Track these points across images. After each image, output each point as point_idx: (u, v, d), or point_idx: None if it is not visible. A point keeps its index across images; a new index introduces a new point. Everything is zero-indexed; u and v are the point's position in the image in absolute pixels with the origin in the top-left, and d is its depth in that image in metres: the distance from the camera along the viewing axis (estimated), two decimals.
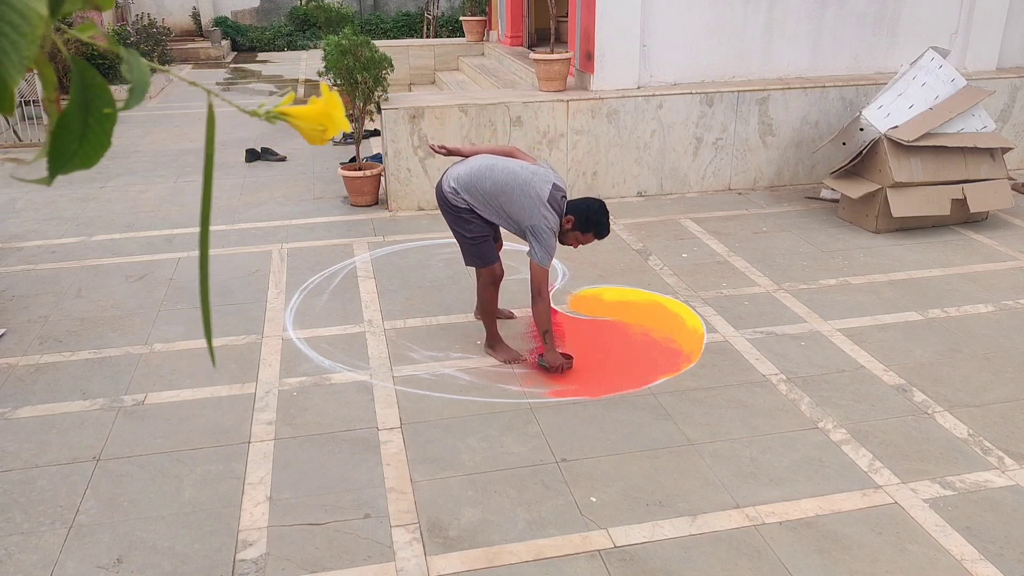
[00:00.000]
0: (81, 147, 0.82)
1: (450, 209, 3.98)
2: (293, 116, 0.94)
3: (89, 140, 0.82)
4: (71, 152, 0.81)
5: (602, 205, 3.92)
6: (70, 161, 0.82)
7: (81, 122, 0.81)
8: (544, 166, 3.99)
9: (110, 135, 0.83)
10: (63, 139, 0.81)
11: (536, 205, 3.80)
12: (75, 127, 0.81)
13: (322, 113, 0.94)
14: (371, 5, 18.45)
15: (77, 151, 0.82)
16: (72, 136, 0.81)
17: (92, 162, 0.83)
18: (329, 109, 0.94)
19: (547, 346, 4.02)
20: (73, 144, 0.81)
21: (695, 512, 3.10)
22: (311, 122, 0.94)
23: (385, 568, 2.84)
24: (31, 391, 3.98)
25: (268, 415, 3.75)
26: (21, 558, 2.90)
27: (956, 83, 6.03)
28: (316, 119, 0.94)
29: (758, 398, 3.87)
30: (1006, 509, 3.11)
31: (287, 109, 0.94)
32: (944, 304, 4.84)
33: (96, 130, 0.82)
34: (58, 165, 0.81)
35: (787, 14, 6.91)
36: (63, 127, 0.80)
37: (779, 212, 6.51)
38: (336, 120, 0.94)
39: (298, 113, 0.94)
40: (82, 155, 0.82)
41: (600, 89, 6.67)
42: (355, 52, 6.30)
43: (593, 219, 3.87)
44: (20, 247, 5.92)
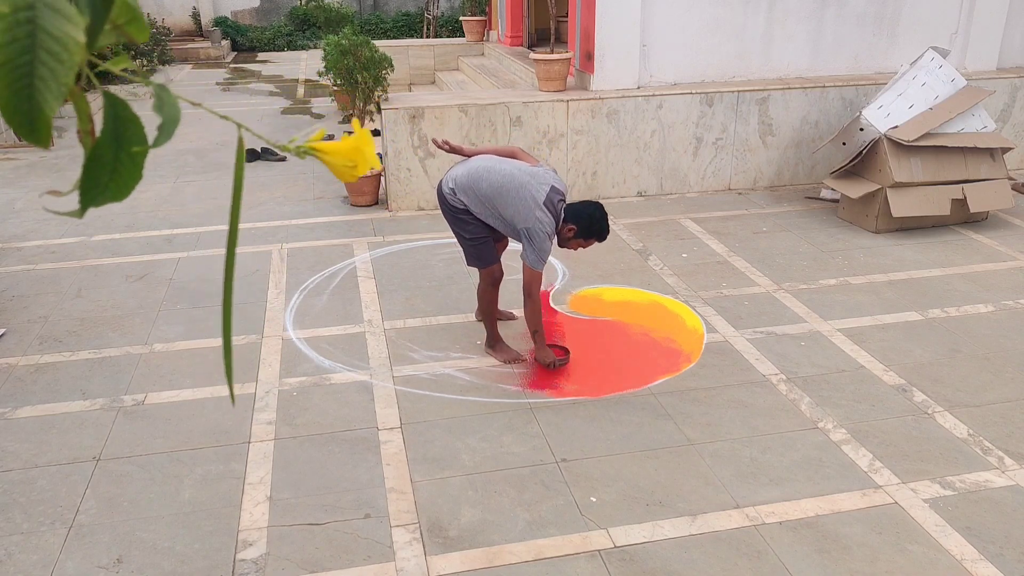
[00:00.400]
0: (113, 180, 0.82)
1: (449, 210, 3.98)
2: (323, 152, 0.92)
3: (121, 173, 0.82)
4: (103, 185, 0.82)
5: (602, 210, 3.92)
6: (102, 194, 0.82)
7: (113, 155, 0.81)
8: (544, 168, 3.97)
9: (141, 168, 0.83)
10: (95, 172, 0.81)
11: (531, 208, 3.78)
12: (107, 160, 0.81)
13: (353, 149, 0.93)
14: (371, 5, 18.45)
15: (109, 184, 0.82)
16: (104, 169, 0.81)
17: (124, 195, 0.83)
18: (360, 145, 0.92)
19: (537, 345, 4.06)
20: (105, 177, 0.82)
21: (695, 512, 3.10)
22: (341, 158, 0.93)
23: (385, 568, 2.84)
24: (31, 391, 3.98)
25: (268, 415, 3.75)
26: (21, 558, 2.90)
27: (956, 83, 6.03)
28: (347, 155, 0.93)
29: (758, 398, 3.87)
30: (1006, 509, 3.11)
31: (318, 145, 0.92)
32: (944, 304, 4.84)
33: (128, 164, 0.82)
34: (90, 198, 0.82)
35: (787, 14, 6.91)
36: (95, 160, 0.81)
37: (779, 212, 6.51)
38: (367, 157, 0.93)
39: (328, 149, 0.93)
40: (114, 188, 0.82)
41: (600, 89, 6.67)
42: (355, 52, 6.30)
43: (596, 227, 3.90)
44: (20, 247, 5.92)
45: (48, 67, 0.70)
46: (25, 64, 0.70)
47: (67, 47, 0.70)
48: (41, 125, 0.73)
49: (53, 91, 0.71)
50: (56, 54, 0.70)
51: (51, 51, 0.70)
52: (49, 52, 0.70)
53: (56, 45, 0.70)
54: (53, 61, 0.70)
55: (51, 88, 0.71)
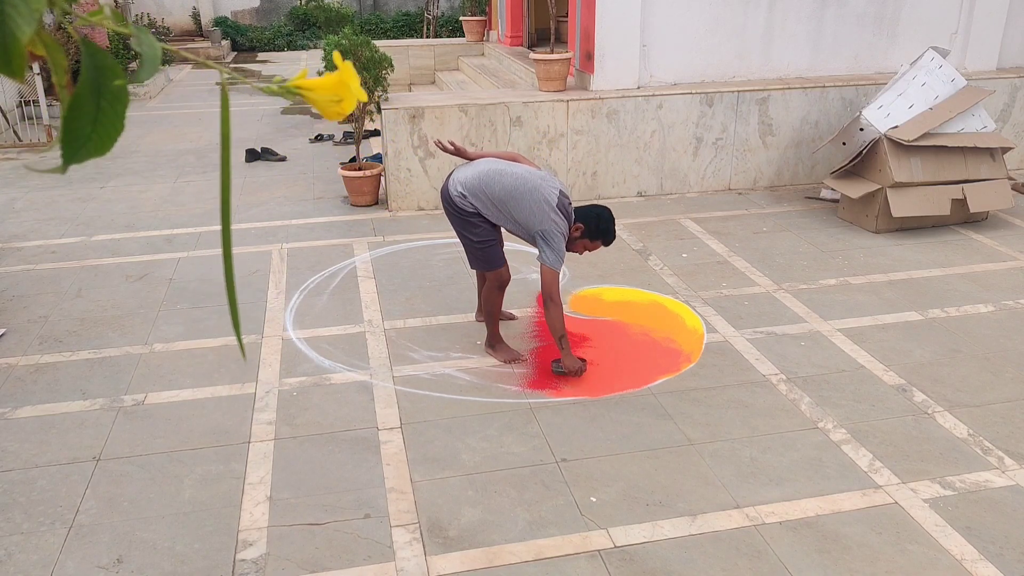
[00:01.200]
0: (95, 131, 0.79)
1: (457, 213, 3.94)
2: (307, 88, 0.91)
3: (102, 123, 0.79)
4: (84, 137, 0.79)
5: (609, 213, 3.99)
6: (84, 147, 0.79)
7: (93, 105, 0.78)
8: (547, 172, 4.02)
9: (123, 118, 0.80)
10: (76, 123, 0.78)
11: (546, 210, 3.81)
12: (87, 110, 0.78)
13: (337, 83, 0.90)
14: (371, 5, 18.45)
15: (91, 135, 0.79)
16: (85, 120, 0.78)
17: (106, 148, 0.80)
18: (345, 79, 0.90)
19: (563, 351, 3.94)
20: (86, 128, 0.79)
21: (695, 512, 3.10)
22: (326, 93, 0.91)
23: (385, 568, 2.84)
24: (31, 391, 3.98)
25: (268, 415, 3.75)
26: (21, 558, 2.90)
27: (956, 83, 6.03)
28: (331, 90, 0.90)
29: (758, 398, 3.87)
30: (1006, 509, 3.11)
31: (301, 82, 0.91)
32: (944, 304, 4.84)
33: (109, 112, 0.79)
34: (72, 151, 0.79)
35: (787, 14, 6.91)
36: (75, 110, 0.78)
37: (779, 212, 6.51)
38: (353, 90, 0.91)
39: (312, 85, 0.91)
40: (96, 140, 0.79)
41: (600, 89, 6.67)
42: (355, 52, 6.30)
43: (603, 227, 3.95)
44: (20, 247, 5.92)
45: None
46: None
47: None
48: (15, 53, 0.70)
49: (25, 16, 0.68)
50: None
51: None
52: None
53: None
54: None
55: (22, 13, 0.68)
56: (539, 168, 4.07)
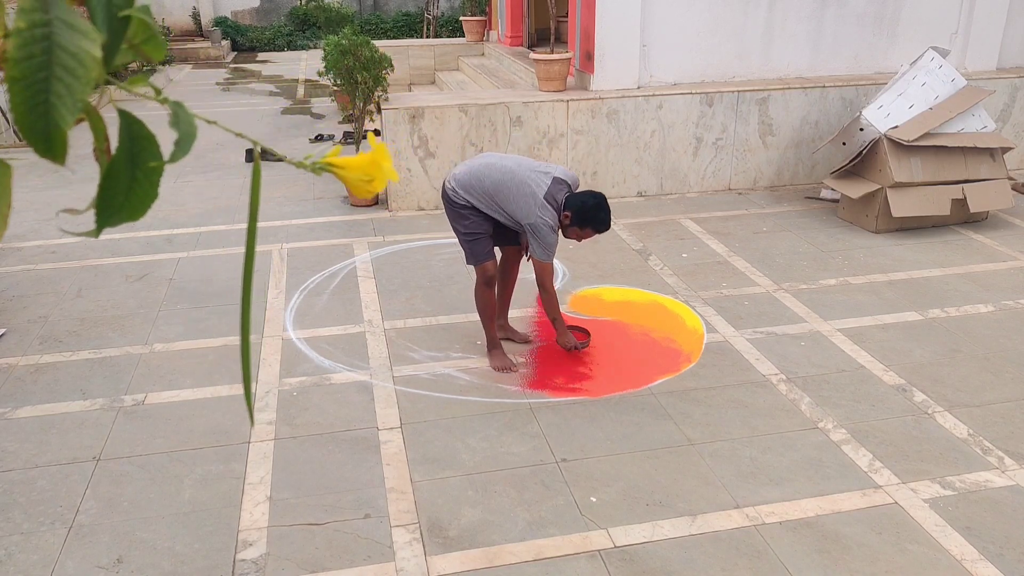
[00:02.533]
0: (128, 199, 0.82)
1: (451, 205, 3.98)
2: (340, 167, 0.91)
3: (136, 192, 0.82)
4: (118, 204, 0.81)
5: (600, 199, 3.87)
6: (117, 213, 0.82)
7: (128, 175, 0.81)
8: (554, 165, 3.99)
9: (157, 187, 0.83)
10: (110, 191, 0.81)
11: (531, 204, 3.77)
12: (122, 179, 0.81)
13: (370, 163, 0.90)
14: (371, 5, 18.46)
15: (124, 204, 0.82)
16: (119, 188, 0.81)
17: (139, 214, 0.82)
18: (378, 159, 0.90)
19: (558, 330, 4.13)
20: (120, 197, 0.81)
21: (695, 512, 3.10)
22: (358, 172, 0.91)
23: (385, 568, 2.84)
24: (31, 391, 3.98)
25: (268, 415, 3.75)
26: (21, 558, 2.90)
27: (956, 83, 6.03)
28: (363, 170, 0.91)
29: (758, 398, 3.87)
30: (1006, 509, 3.11)
31: (334, 160, 0.91)
32: (944, 304, 4.84)
33: (143, 182, 0.82)
34: (105, 217, 0.81)
35: (787, 14, 6.91)
36: (111, 179, 0.80)
37: (779, 212, 6.51)
38: (385, 171, 0.91)
39: (345, 164, 0.91)
40: (129, 207, 0.82)
41: (600, 89, 6.67)
42: (355, 52, 6.30)
43: (590, 215, 3.83)
44: (20, 247, 5.92)
45: (64, 83, 0.70)
46: (41, 80, 0.70)
47: (83, 63, 0.70)
48: (57, 141, 0.72)
49: (69, 107, 0.71)
50: (72, 70, 0.70)
51: (67, 67, 0.70)
52: (65, 68, 0.70)
53: (72, 61, 0.70)
54: (69, 77, 0.70)
55: (67, 104, 0.70)
56: (542, 162, 4.04)
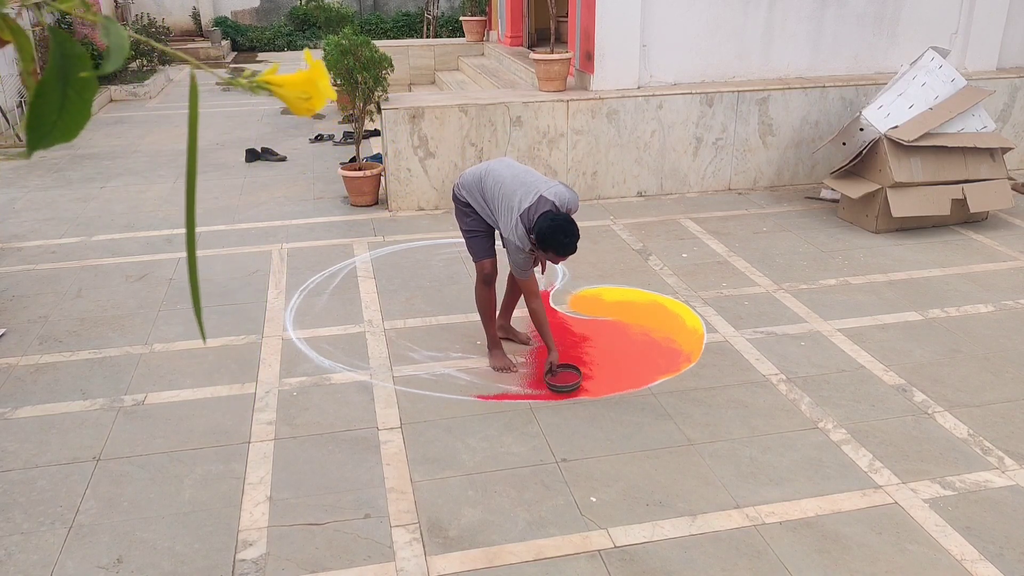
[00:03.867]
0: (60, 118, 0.79)
1: (456, 201, 4.09)
2: (276, 84, 0.90)
3: (68, 111, 0.79)
4: (50, 124, 0.79)
5: (559, 223, 3.58)
6: (49, 134, 0.79)
7: (60, 92, 0.78)
8: (555, 182, 3.81)
9: (90, 105, 0.80)
10: (42, 109, 0.78)
11: (509, 219, 3.72)
12: (54, 98, 0.78)
13: (307, 81, 0.90)
14: (371, 5, 18.45)
15: (56, 123, 0.79)
16: (51, 107, 0.78)
17: (72, 135, 0.80)
18: (314, 77, 0.90)
19: (547, 346, 3.98)
20: (52, 116, 0.79)
21: (695, 512, 3.10)
22: (295, 89, 0.91)
23: (385, 568, 2.84)
24: (31, 391, 3.98)
25: (268, 415, 3.75)
26: (21, 558, 2.90)
27: (956, 83, 6.02)
28: (300, 87, 0.91)
29: (758, 398, 3.87)
30: (1006, 509, 3.11)
31: (271, 78, 0.91)
32: (944, 304, 4.84)
33: (75, 100, 0.79)
34: (37, 137, 0.79)
35: (787, 14, 6.91)
36: (41, 98, 0.78)
37: (779, 212, 6.51)
38: (321, 88, 0.91)
39: (282, 81, 0.90)
40: (62, 127, 0.79)
41: (600, 89, 6.67)
42: (355, 52, 6.30)
43: (548, 237, 3.58)
44: (20, 247, 5.92)
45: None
46: None
47: None
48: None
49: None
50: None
51: None
52: None
53: None
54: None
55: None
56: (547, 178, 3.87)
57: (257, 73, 0.92)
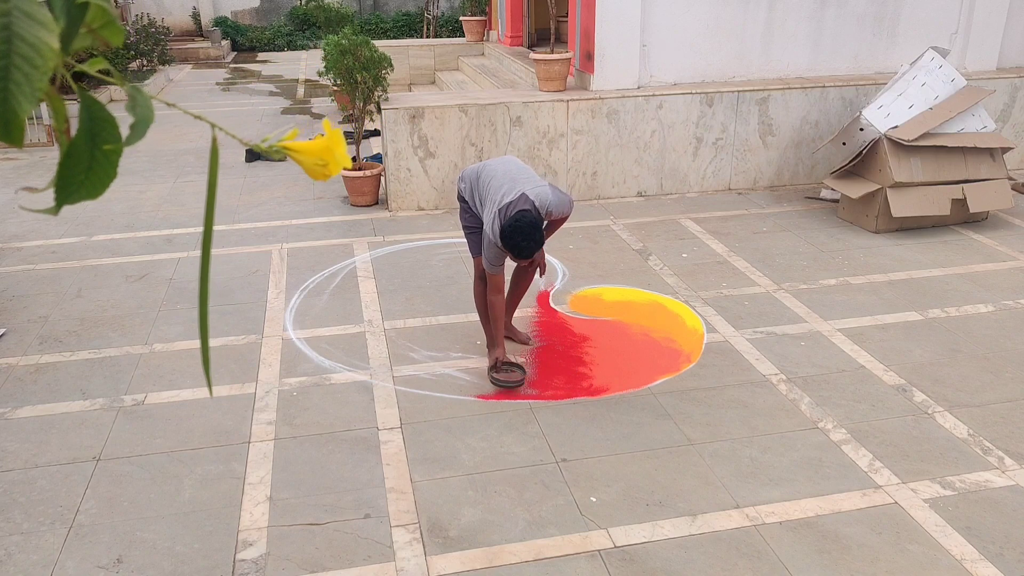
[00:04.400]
0: (88, 178, 0.84)
1: (460, 199, 4.12)
2: (295, 151, 0.95)
3: (96, 171, 0.84)
4: (78, 183, 0.83)
5: (520, 227, 3.53)
6: (76, 192, 0.84)
7: (88, 154, 0.83)
8: (545, 183, 3.79)
9: (116, 166, 0.85)
10: (70, 170, 0.83)
11: (489, 212, 3.73)
12: (82, 159, 0.83)
13: (324, 149, 0.95)
14: (371, 5, 18.45)
15: (84, 182, 0.84)
16: (79, 168, 0.83)
17: (98, 193, 0.85)
18: (331, 145, 0.95)
19: (493, 340, 4.02)
20: (80, 176, 0.83)
21: (695, 512, 3.10)
22: (313, 156, 0.95)
23: (385, 568, 2.84)
24: (31, 391, 3.98)
25: (268, 415, 3.75)
26: (21, 558, 2.90)
27: (956, 83, 6.02)
28: (317, 154, 0.95)
29: (758, 398, 3.87)
30: (1006, 509, 3.11)
31: (290, 144, 0.95)
32: (944, 304, 4.84)
33: (103, 162, 0.84)
34: (64, 195, 0.83)
35: (787, 14, 6.91)
36: (71, 158, 0.82)
37: (779, 212, 6.51)
38: (338, 157, 0.95)
39: (300, 148, 0.95)
40: (88, 186, 0.84)
41: (600, 89, 6.67)
42: (355, 52, 6.30)
43: (506, 237, 3.57)
44: (20, 247, 5.92)
45: (22, 72, 0.72)
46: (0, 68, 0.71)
47: (41, 53, 0.72)
48: (15, 127, 0.74)
49: (27, 95, 0.72)
50: (30, 59, 0.72)
51: (25, 56, 0.72)
52: (23, 57, 0.72)
53: (30, 51, 0.72)
54: (27, 66, 0.72)
55: (25, 92, 0.72)
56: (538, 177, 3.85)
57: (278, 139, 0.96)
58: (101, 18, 0.79)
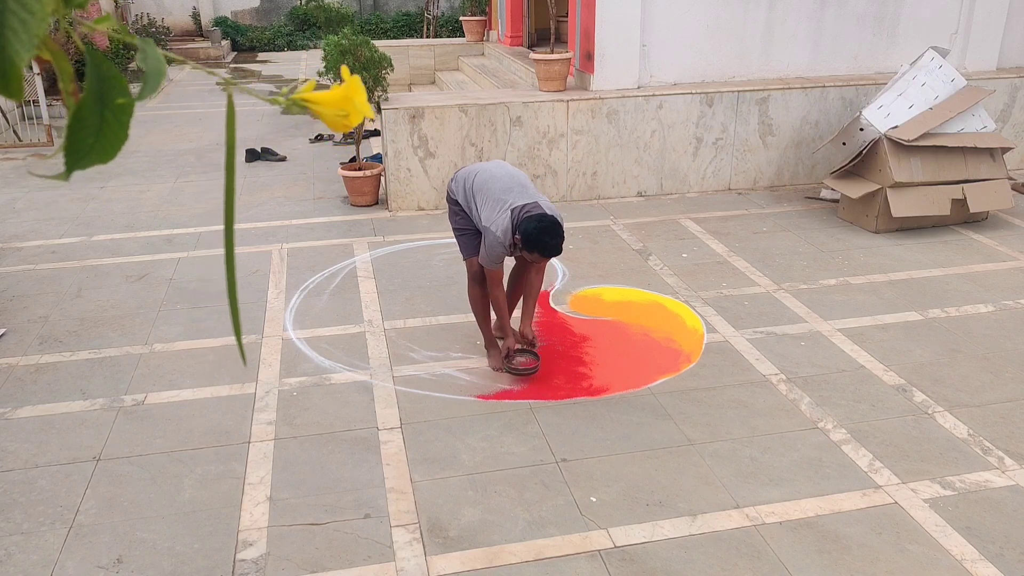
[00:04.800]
0: (98, 140, 0.80)
1: (449, 201, 4.13)
2: (314, 102, 0.92)
3: (106, 133, 0.80)
4: (88, 146, 0.80)
5: (546, 224, 3.67)
6: (87, 155, 0.80)
7: (97, 115, 0.80)
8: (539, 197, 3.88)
9: (127, 128, 0.81)
10: (80, 132, 0.79)
11: (495, 212, 3.74)
12: (92, 120, 0.79)
13: (344, 98, 0.92)
14: (371, 5, 18.45)
15: (94, 145, 0.80)
16: (89, 129, 0.79)
17: (109, 156, 0.81)
18: (351, 94, 0.92)
19: (504, 330, 4.08)
20: (90, 138, 0.80)
21: (695, 512, 3.10)
22: (333, 107, 0.92)
23: (385, 568, 2.84)
24: (31, 391, 3.98)
25: (268, 415, 3.75)
26: (21, 558, 2.90)
27: (956, 83, 6.02)
28: (338, 104, 0.92)
29: (758, 398, 3.87)
30: (1006, 509, 3.11)
31: (308, 95, 0.92)
32: (944, 304, 4.84)
33: (113, 123, 0.80)
34: (75, 159, 0.80)
35: (787, 14, 6.91)
36: (79, 120, 0.79)
37: (779, 212, 6.51)
38: (358, 105, 0.92)
39: (319, 99, 0.92)
40: (99, 149, 0.81)
41: (600, 89, 6.67)
42: (355, 52, 6.30)
43: (534, 239, 3.66)
44: (20, 247, 5.92)
45: (19, 17, 0.68)
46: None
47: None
48: (12, 78, 0.70)
49: (24, 42, 0.69)
50: (26, 4, 0.69)
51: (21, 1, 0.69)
52: (19, 2, 0.69)
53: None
54: (24, 12, 0.69)
55: (21, 39, 0.69)
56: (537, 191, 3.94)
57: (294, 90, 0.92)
58: None
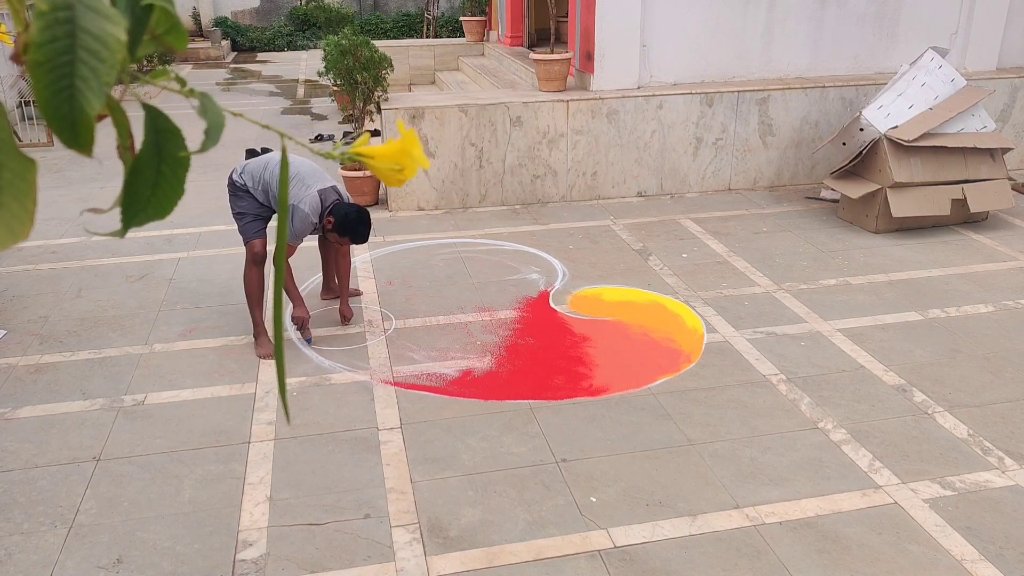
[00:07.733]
0: (154, 195, 0.79)
1: (231, 186, 4.32)
2: (369, 157, 0.89)
3: (162, 187, 0.80)
4: (144, 200, 0.79)
5: (364, 215, 4.19)
6: (143, 210, 0.79)
7: (154, 170, 0.79)
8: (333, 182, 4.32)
9: (183, 182, 0.80)
10: (136, 187, 0.78)
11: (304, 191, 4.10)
12: (148, 174, 0.79)
13: (400, 152, 0.88)
14: (371, 5, 18.45)
15: (150, 199, 0.79)
16: (145, 184, 0.79)
17: (166, 212, 0.80)
18: (408, 147, 0.88)
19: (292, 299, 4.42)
20: (146, 192, 0.79)
21: (695, 512, 3.10)
22: (388, 161, 0.89)
23: (385, 568, 2.84)
24: (31, 391, 3.98)
25: (268, 415, 3.75)
26: (21, 558, 2.90)
27: (956, 83, 6.02)
28: (393, 158, 0.89)
29: (758, 398, 3.87)
30: (1006, 509, 3.11)
31: (363, 149, 0.89)
32: (944, 304, 4.84)
33: (170, 177, 0.80)
34: (131, 215, 0.79)
35: (787, 14, 6.91)
36: (136, 175, 0.78)
37: (779, 212, 6.51)
38: (416, 158, 0.89)
39: (374, 152, 0.89)
40: (155, 203, 0.79)
41: (600, 89, 6.67)
42: (355, 52, 6.30)
43: (351, 226, 4.16)
44: (20, 247, 5.91)
45: (89, 66, 0.68)
46: (65, 64, 0.67)
47: (108, 45, 0.68)
48: (83, 129, 0.70)
49: (95, 91, 0.68)
50: (97, 53, 0.68)
51: (91, 50, 0.68)
52: (89, 51, 0.68)
53: (96, 43, 0.68)
54: (94, 60, 0.68)
55: (92, 88, 0.68)
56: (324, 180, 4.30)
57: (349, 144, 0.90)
58: (166, 22, 0.75)
